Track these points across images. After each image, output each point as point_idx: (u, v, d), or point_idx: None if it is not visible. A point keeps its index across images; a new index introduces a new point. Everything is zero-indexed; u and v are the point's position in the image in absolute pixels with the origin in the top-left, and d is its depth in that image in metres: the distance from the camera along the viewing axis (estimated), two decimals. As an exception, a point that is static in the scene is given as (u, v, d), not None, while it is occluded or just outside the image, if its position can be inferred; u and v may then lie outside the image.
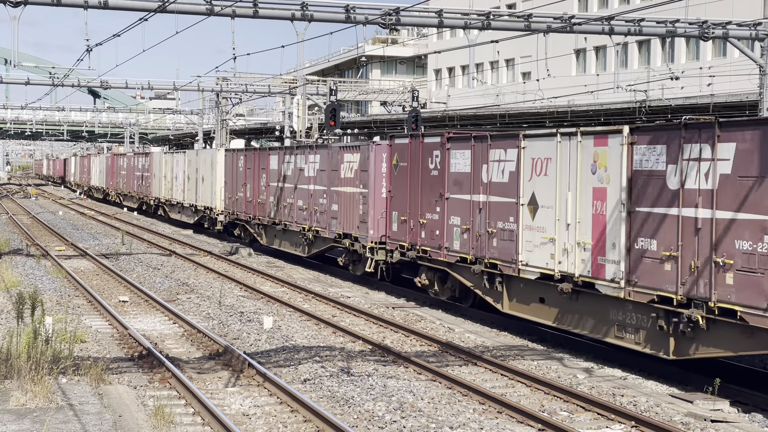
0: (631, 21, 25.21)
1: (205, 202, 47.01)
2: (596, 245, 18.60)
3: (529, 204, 20.94)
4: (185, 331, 21.74)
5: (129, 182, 69.08)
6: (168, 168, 55.68)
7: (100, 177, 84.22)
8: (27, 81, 51.01)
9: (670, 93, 41.57)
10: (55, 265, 33.57)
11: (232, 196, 42.31)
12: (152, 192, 59.99)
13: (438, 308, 25.60)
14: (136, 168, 65.95)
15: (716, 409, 15.44)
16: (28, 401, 13.90)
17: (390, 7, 22.96)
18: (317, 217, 32.58)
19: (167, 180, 55.72)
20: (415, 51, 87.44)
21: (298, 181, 34.51)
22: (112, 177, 77.09)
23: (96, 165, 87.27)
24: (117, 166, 74.85)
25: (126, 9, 21.68)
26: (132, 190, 67.66)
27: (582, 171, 19.15)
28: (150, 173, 60.77)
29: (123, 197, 71.99)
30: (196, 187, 48.71)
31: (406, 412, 14.82)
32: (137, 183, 65.58)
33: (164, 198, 56.73)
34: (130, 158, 69.31)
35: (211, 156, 46.33)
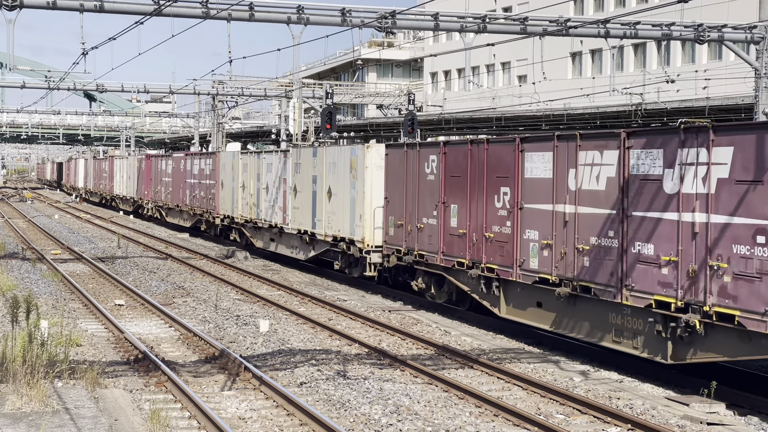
0: (626, 24, 25.24)
1: (345, 231, 29.84)
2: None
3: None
4: (181, 334, 21.72)
5: (177, 192, 52.98)
6: (249, 174, 40.00)
7: (129, 184, 67.90)
8: (23, 84, 50.98)
9: (665, 96, 41.62)
10: (51, 268, 33.52)
11: (404, 221, 26.37)
12: (218, 207, 44.15)
13: (434, 311, 25.60)
14: (190, 173, 50.43)
15: (712, 412, 15.44)
16: (23, 405, 13.88)
17: (386, 10, 22.96)
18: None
19: (248, 191, 39.94)
20: (412, 54, 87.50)
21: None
22: (148, 185, 60.87)
23: (123, 169, 70.26)
24: (157, 170, 58.87)
25: (122, 12, 21.66)
26: (182, 204, 51.38)
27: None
28: (216, 181, 44.82)
29: (167, 212, 56.41)
30: (315, 205, 32.35)
31: (403, 415, 14.82)
32: (192, 194, 49.54)
33: (242, 217, 40.60)
34: (180, 160, 53.25)
35: (350, 156, 30.08)
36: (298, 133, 44.37)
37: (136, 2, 21.58)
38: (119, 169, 72.05)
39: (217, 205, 44.14)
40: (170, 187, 54.60)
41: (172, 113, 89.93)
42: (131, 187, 66.98)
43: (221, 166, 43.63)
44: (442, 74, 78.79)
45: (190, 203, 49.83)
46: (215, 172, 44.67)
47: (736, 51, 26.42)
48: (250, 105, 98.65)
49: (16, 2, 20.64)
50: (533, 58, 38.51)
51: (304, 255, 33.93)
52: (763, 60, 26.06)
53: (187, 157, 51.74)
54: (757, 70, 26.25)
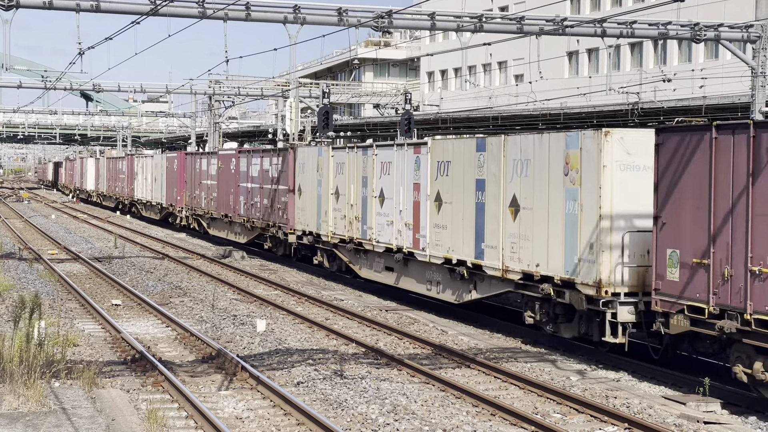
0: (623, 23, 25.26)
1: (553, 264, 19.73)
2: None
3: None
4: (178, 334, 21.71)
5: (225, 199, 42.35)
6: (349, 176, 29.35)
7: (155, 187, 57.05)
8: (19, 84, 50.94)
9: (662, 95, 41.64)
10: (48, 268, 33.50)
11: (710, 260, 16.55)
12: (292, 221, 33.97)
13: (431, 311, 25.60)
14: (247, 176, 39.60)
15: (709, 411, 15.46)
16: (20, 405, 13.87)
17: (382, 9, 22.97)
18: None
19: (346, 200, 29.45)
20: (408, 53, 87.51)
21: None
22: (181, 189, 50.52)
23: (147, 169, 59.64)
24: (194, 171, 48.08)
25: (118, 12, 21.66)
26: (233, 213, 41.25)
27: None
28: (288, 185, 34.46)
29: (209, 223, 45.68)
30: (484, 224, 22.21)
31: (400, 414, 14.82)
32: (249, 202, 39.12)
33: (336, 234, 30.18)
34: (229, 159, 42.50)
35: (564, 148, 19.59)
36: (295, 133, 44.37)
37: (133, 2, 21.59)
38: (142, 170, 61.02)
39: (290, 218, 34.00)
40: (214, 192, 44.18)
41: (169, 113, 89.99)
42: (158, 190, 56.03)
43: (297, 167, 33.68)
44: (439, 74, 78.81)
45: (245, 213, 39.31)
46: (286, 174, 34.56)
47: (733, 50, 26.45)
48: (246, 105, 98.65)
49: (12, 2, 20.63)
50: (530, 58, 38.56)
51: (455, 296, 23.80)
52: (759, 59, 26.09)
53: (241, 155, 41.21)
54: (754, 69, 26.28)
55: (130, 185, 65.76)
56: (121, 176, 69.06)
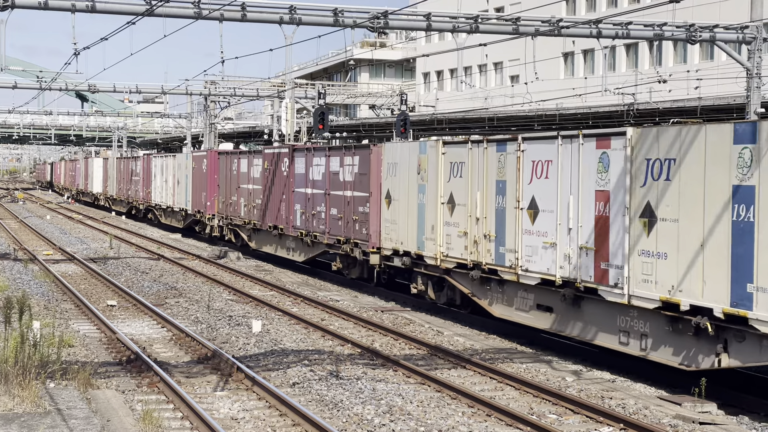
0: (618, 24, 25.28)
1: None
2: None
3: None
4: (174, 335, 21.70)
5: (274, 207, 35.67)
6: (471, 181, 22.88)
7: (178, 191, 50.51)
8: (14, 85, 50.86)
9: (657, 96, 41.69)
10: (43, 269, 33.47)
11: None
12: (376, 237, 27.59)
13: (427, 312, 25.60)
14: (305, 179, 32.78)
15: (704, 412, 15.48)
16: (15, 406, 13.84)
17: (378, 10, 22.97)
18: None
19: (466, 213, 22.98)
20: (404, 54, 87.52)
21: None
22: (212, 193, 43.78)
23: (167, 170, 53.32)
24: (229, 172, 41.63)
25: (114, 12, 21.64)
26: (286, 225, 34.41)
27: None
28: (371, 191, 27.95)
29: (251, 235, 38.79)
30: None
31: (395, 415, 14.82)
32: (309, 212, 32.30)
33: (450, 258, 23.78)
34: (278, 159, 35.53)
35: None
36: (291, 134, 44.35)
37: (128, 2, 21.57)
38: (161, 171, 54.76)
39: (371, 233, 27.61)
40: (258, 198, 37.43)
41: (165, 114, 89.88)
42: (181, 195, 49.45)
43: (386, 168, 27.03)
44: (435, 74, 78.82)
45: (304, 226, 32.66)
46: (367, 177, 28.11)
47: (728, 51, 26.48)
48: (242, 105, 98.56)
49: (8, 2, 20.61)
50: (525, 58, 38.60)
51: (681, 358, 16.75)
52: (754, 60, 26.12)
53: (298, 153, 33.69)
54: (749, 70, 26.31)
55: (146, 188, 59.24)
56: (135, 178, 62.71)
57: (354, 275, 29.69)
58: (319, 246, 31.91)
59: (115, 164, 71.52)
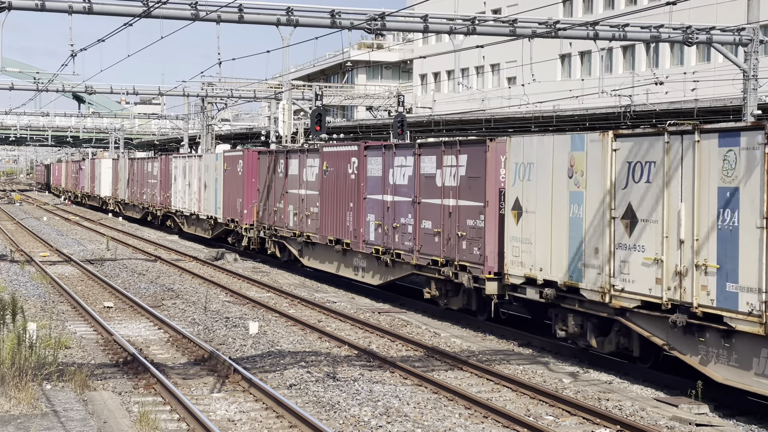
0: (615, 26, 25.31)
1: None
2: None
3: None
4: (170, 336, 21.68)
5: (339, 217, 29.78)
6: (703, 195, 16.23)
7: (206, 196, 44.47)
8: (11, 86, 50.86)
9: (654, 98, 41.73)
10: (40, 271, 33.44)
11: None
12: (495, 259, 22.14)
13: (424, 313, 25.60)
14: (383, 183, 27.16)
15: (701, 413, 15.49)
16: (11, 408, 13.83)
17: (375, 12, 22.99)
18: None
19: (683, 231, 16.52)
20: (401, 56, 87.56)
21: None
22: (250, 198, 38.05)
23: (191, 172, 47.46)
24: (274, 174, 35.89)
25: (110, 14, 21.64)
26: (355, 241, 28.64)
27: None
28: (486, 200, 22.41)
29: (308, 250, 32.60)
30: None
31: (392, 417, 14.82)
32: (393, 225, 26.45)
33: (640, 296, 17.46)
34: (344, 158, 29.73)
35: None
36: (288, 135, 44.34)
37: (125, 4, 21.58)
38: (183, 173, 48.93)
39: (487, 254, 22.04)
40: (314, 206, 31.66)
41: (162, 115, 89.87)
42: (210, 200, 43.48)
43: (512, 170, 21.05)
44: (432, 76, 78.85)
45: (381, 241, 27.02)
46: (484, 181, 22.34)
47: (725, 53, 26.52)
48: (239, 107, 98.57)
49: (4, 3, 20.61)
50: (522, 60, 38.60)
51: None
52: (751, 62, 26.16)
53: (371, 152, 27.96)
54: (746, 72, 26.35)
55: (164, 192, 53.26)
56: (151, 181, 56.74)
57: (455, 305, 24.19)
58: (402, 267, 26.16)
59: (127, 165, 65.16)
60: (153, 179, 56.55)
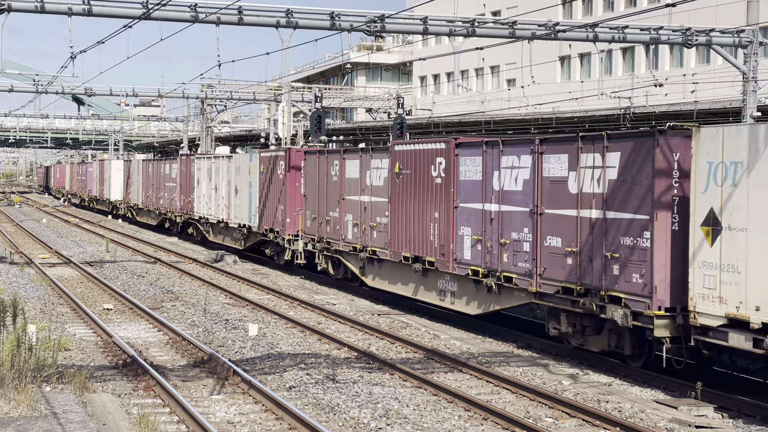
0: (615, 28, 25.31)
1: None
2: None
3: None
4: (170, 338, 21.68)
5: (415, 230, 25.18)
6: None
7: (237, 202, 39.98)
8: (11, 88, 50.87)
9: (654, 100, 41.75)
10: (39, 273, 33.43)
11: None
12: (682, 291, 16.78)
13: (423, 315, 25.59)
14: (491, 190, 22.11)
15: (700, 415, 15.48)
16: (11, 410, 13.83)
17: (375, 14, 22.99)
18: None
19: None
20: (401, 58, 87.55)
21: None
22: (293, 205, 33.58)
23: (218, 174, 42.91)
24: (330, 178, 30.71)
25: (110, 16, 21.64)
26: (444, 257, 23.83)
27: None
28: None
29: (366, 268, 28.42)
30: None
31: (392, 419, 14.81)
32: (488, 241, 22.18)
33: None
34: (430, 158, 24.77)
35: None
36: (287, 137, 44.34)
37: (125, 6, 21.58)
38: (208, 176, 44.52)
39: (658, 283, 17.17)
40: (380, 216, 27.12)
41: (161, 117, 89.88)
42: (243, 207, 39.17)
43: (703, 172, 16.33)
44: (431, 78, 78.85)
45: (480, 260, 22.34)
46: (649, 187, 17.43)
47: (724, 55, 26.52)
48: (239, 109, 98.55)
49: (4, 6, 20.61)
50: (522, 62, 38.63)
51: None
52: (750, 64, 26.17)
53: (463, 150, 23.40)
54: (745, 73, 26.36)
55: (185, 197, 48.84)
56: (170, 184, 52.22)
57: (596, 346, 19.20)
58: (513, 294, 21.43)
59: (141, 167, 60.54)
60: (171, 182, 51.90)
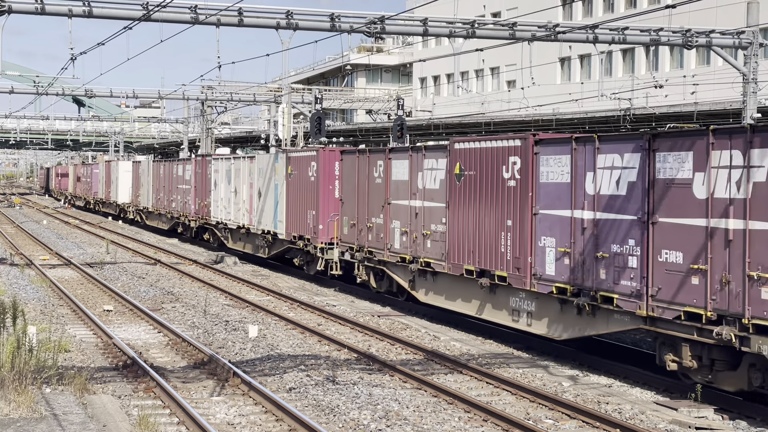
0: (615, 29, 25.31)
1: None
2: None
3: None
4: (170, 340, 21.68)
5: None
6: None
7: (258, 207, 37.68)
8: (11, 90, 50.89)
9: (654, 101, 41.75)
10: (39, 274, 33.44)
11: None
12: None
13: (423, 317, 25.59)
14: (577, 194, 18.90)
15: (701, 417, 15.48)
16: (11, 411, 13.83)
17: (375, 15, 23.00)
18: None
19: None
20: (401, 59, 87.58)
21: None
22: (327, 210, 31.24)
23: (239, 177, 40.15)
24: (372, 180, 27.84)
25: (110, 17, 21.64)
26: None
27: None
28: None
29: (417, 281, 25.39)
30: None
31: (392, 420, 14.81)
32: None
33: None
34: (491, 155, 21.66)
35: None
36: (287, 139, 44.36)
37: (125, 8, 21.59)
38: (227, 178, 41.76)
39: None
40: (435, 223, 24.12)
41: (161, 118, 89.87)
42: (268, 212, 36.35)
43: None
44: (431, 79, 78.86)
45: (570, 277, 19.16)
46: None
47: (724, 56, 26.53)
48: (239, 110, 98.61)
49: (4, 7, 20.62)
50: (522, 64, 38.63)
51: None
52: (750, 65, 26.18)
53: (545, 147, 20.14)
54: (745, 75, 26.37)
55: (200, 200, 45.91)
56: (183, 186, 49.44)
57: (731, 385, 16.10)
58: (613, 318, 18.24)
59: (152, 168, 57.84)
60: (185, 184, 48.94)
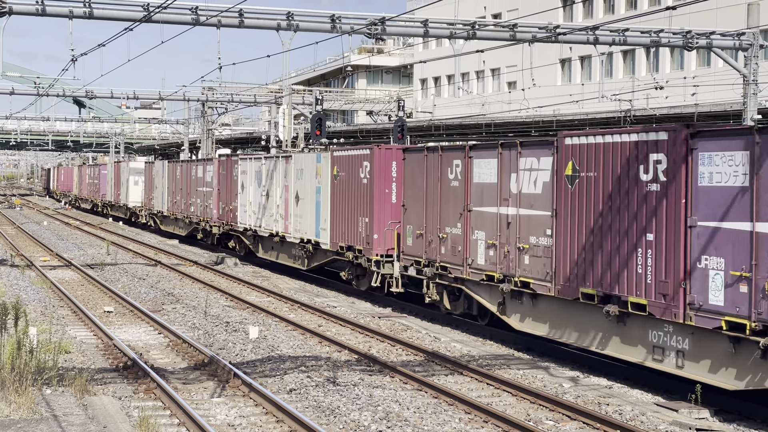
0: (615, 31, 25.33)
1: None
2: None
3: None
4: (170, 341, 21.68)
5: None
6: None
7: (295, 213, 33.65)
8: (12, 91, 50.89)
9: (654, 102, 41.74)
10: (40, 275, 33.44)
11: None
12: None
13: (424, 318, 25.60)
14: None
15: (701, 418, 15.48)
16: (12, 412, 13.83)
17: (376, 16, 23.02)
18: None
19: None
20: (401, 60, 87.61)
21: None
22: (385, 217, 27.52)
23: (274, 179, 36.29)
24: (440, 182, 24.03)
25: (111, 19, 21.67)
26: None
27: None
28: None
29: (513, 300, 20.97)
30: None
31: (392, 421, 14.81)
32: None
33: None
34: (629, 151, 17.28)
35: None
36: (288, 140, 44.36)
37: (126, 9, 21.61)
38: (257, 180, 38.29)
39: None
40: (537, 235, 20.35)
41: (162, 119, 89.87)
42: (307, 218, 32.58)
43: None
44: (432, 81, 78.90)
45: (750, 309, 14.84)
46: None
47: (725, 58, 26.54)
48: (239, 111, 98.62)
49: (5, 8, 20.64)
50: (523, 65, 38.64)
51: None
52: (751, 66, 26.18)
53: (703, 140, 15.75)
54: (746, 76, 26.38)
55: (226, 204, 42.09)
56: (204, 189, 45.49)
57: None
58: None
59: (167, 169, 53.94)
60: (206, 187, 45.06)
